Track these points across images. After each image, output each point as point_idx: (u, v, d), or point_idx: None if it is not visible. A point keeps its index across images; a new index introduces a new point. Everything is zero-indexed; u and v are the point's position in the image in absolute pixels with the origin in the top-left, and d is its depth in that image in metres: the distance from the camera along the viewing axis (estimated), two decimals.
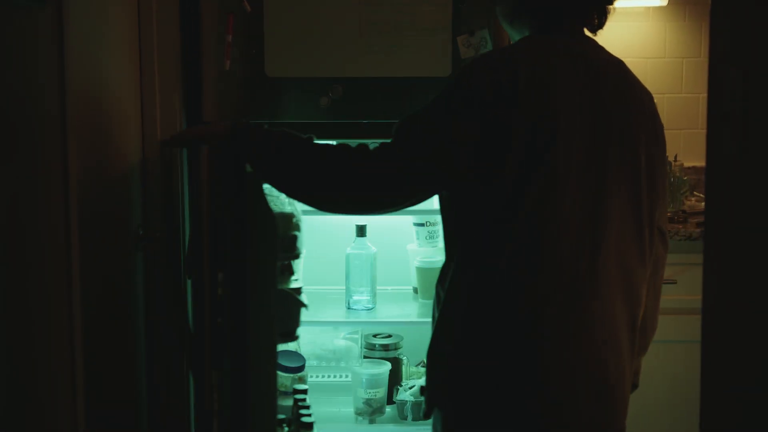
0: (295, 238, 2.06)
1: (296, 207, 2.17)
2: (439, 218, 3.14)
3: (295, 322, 2.02)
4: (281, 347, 2.69)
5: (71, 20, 1.69)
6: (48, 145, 1.60)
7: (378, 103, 2.68)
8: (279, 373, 2.50)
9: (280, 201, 2.12)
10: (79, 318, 1.69)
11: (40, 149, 1.56)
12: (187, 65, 2.63)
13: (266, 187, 2.16)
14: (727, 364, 1.55)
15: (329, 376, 3.16)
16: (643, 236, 1.80)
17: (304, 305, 2.03)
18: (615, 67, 1.84)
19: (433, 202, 3.08)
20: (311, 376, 3.15)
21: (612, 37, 3.42)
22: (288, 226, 2.05)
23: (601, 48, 1.87)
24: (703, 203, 3.06)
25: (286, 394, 2.50)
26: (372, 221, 2.95)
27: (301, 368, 2.54)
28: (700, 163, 3.36)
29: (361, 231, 2.96)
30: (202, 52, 2.64)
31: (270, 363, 1.91)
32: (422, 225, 3.12)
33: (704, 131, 1.66)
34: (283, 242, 2.03)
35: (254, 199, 1.89)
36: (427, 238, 3.04)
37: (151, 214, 2.12)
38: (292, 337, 2.03)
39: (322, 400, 3.03)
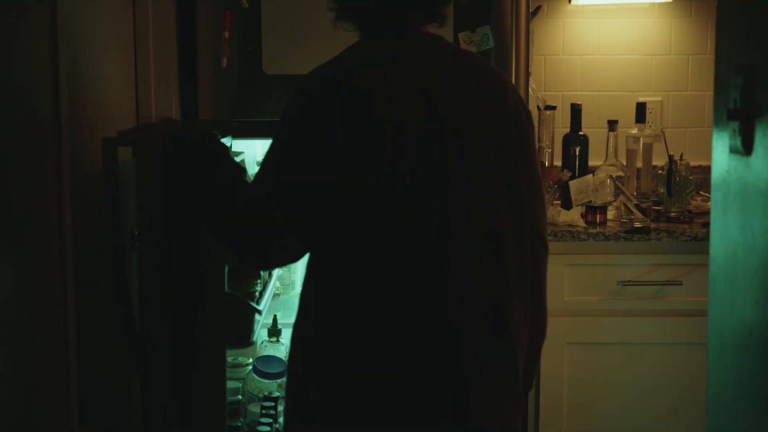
0: None
1: None
2: None
3: (248, 327, 2.01)
4: (264, 352, 2.69)
5: (65, 15, 1.69)
6: (42, 144, 1.60)
7: None
8: (258, 378, 2.49)
9: None
10: (73, 318, 1.69)
11: (34, 148, 1.57)
12: (184, 62, 2.63)
13: None
14: (734, 367, 1.55)
15: None
16: (503, 245, 1.73)
17: (258, 311, 2.01)
18: (455, 64, 1.76)
19: None
20: None
21: (616, 34, 3.43)
22: None
23: (442, 44, 1.79)
24: (708, 203, 3.06)
25: (256, 400, 2.49)
26: None
27: (281, 374, 2.52)
28: (706, 162, 3.36)
29: None
30: (198, 49, 2.64)
31: (218, 367, 1.89)
32: None
33: (710, 130, 1.66)
34: None
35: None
36: None
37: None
38: (247, 342, 2.02)
39: None
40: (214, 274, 1.88)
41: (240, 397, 2.36)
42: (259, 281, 2.15)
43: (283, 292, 3.14)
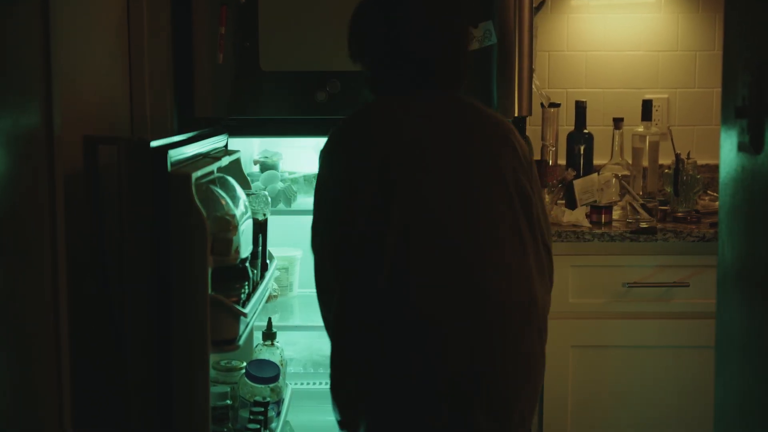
0: (229, 241, 2.04)
1: (241, 208, 2.14)
2: None
3: (233, 330, 2.01)
4: (260, 355, 2.67)
5: (58, 10, 1.68)
6: (33, 142, 1.60)
7: None
8: (250, 383, 2.48)
9: (228, 201, 2.09)
10: (65, 317, 1.69)
11: (25, 146, 1.56)
12: (179, 59, 2.63)
13: (233, 185, 2.18)
14: (742, 371, 1.55)
15: (326, 384, 3.15)
16: (526, 261, 1.97)
17: (243, 314, 2.01)
18: (471, 111, 2.05)
19: None
20: (308, 384, 3.15)
21: (621, 29, 3.43)
22: (223, 227, 2.04)
23: (454, 96, 2.07)
24: (716, 203, 3.05)
25: (247, 405, 2.48)
26: None
27: (274, 378, 2.50)
28: (714, 161, 3.36)
29: None
30: (193, 45, 2.64)
31: (200, 369, 1.90)
32: None
33: (718, 127, 1.66)
34: (215, 245, 2.01)
35: (179, 200, 1.87)
36: None
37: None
38: (233, 346, 2.03)
39: (320, 409, 3.02)
40: (197, 276, 1.88)
41: (229, 401, 2.34)
42: (246, 283, 2.14)
43: (281, 293, 3.13)
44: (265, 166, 3.02)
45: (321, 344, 3.20)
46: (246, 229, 2.16)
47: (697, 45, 3.42)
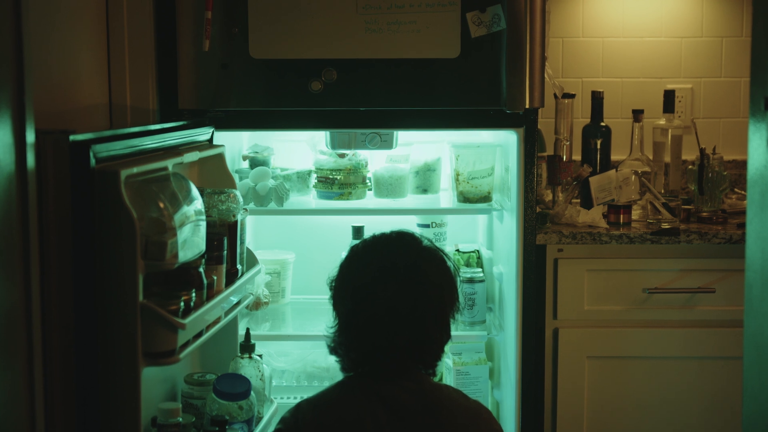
0: (164, 245, 2.03)
1: (192, 209, 2.12)
2: (445, 218, 3.15)
3: (169, 342, 2.00)
4: (241, 370, 2.65)
5: None
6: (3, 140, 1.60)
7: (377, 88, 2.68)
8: (217, 399, 2.47)
9: (166, 202, 2.08)
10: (38, 320, 1.70)
11: None
12: (161, 46, 2.63)
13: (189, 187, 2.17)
14: None
15: None
16: None
17: (180, 325, 2.01)
18: (424, 406, 2.06)
19: (440, 201, 3.08)
20: (301, 398, 3.14)
21: (641, 14, 3.43)
22: (158, 230, 2.02)
23: (421, 386, 2.09)
24: (744, 201, 3.06)
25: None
26: (371, 222, 2.96)
27: (242, 395, 2.48)
28: (742, 156, 3.37)
29: (358, 233, 2.95)
30: (177, 31, 2.64)
31: (131, 384, 1.88)
32: (427, 226, 3.12)
33: (746, 120, 1.66)
34: (149, 248, 1.99)
35: (105, 199, 1.85)
36: (433, 240, 3.03)
37: None
38: (171, 358, 2.02)
39: None
40: (125, 282, 1.87)
41: (180, 419, 2.32)
42: (195, 291, 2.11)
43: (272, 300, 3.13)
44: (254, 162, 3.02)
45: (315, 355, 3.20)
46: (193, 231, 2.14)
47: (724, 30, 3.42)
